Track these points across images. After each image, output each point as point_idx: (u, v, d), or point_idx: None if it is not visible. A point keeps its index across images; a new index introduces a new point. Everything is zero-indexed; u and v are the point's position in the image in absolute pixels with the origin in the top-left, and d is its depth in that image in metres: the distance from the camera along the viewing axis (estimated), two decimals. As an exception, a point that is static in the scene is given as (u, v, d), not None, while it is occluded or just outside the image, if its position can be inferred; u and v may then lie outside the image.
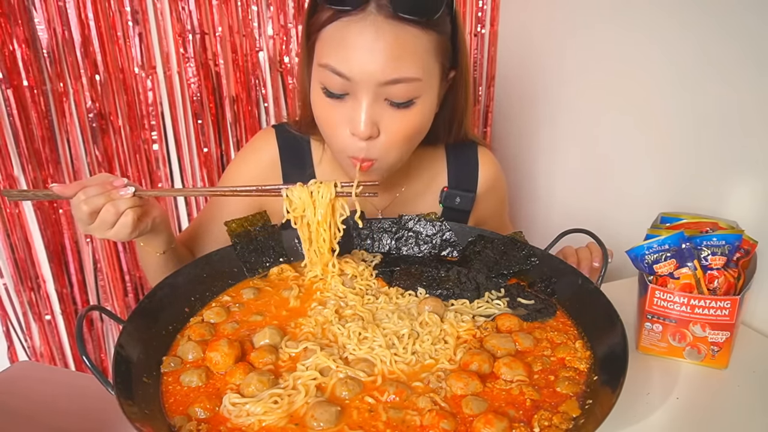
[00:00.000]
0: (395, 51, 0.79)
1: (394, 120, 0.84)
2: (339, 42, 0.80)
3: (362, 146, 0.85)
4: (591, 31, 1.37)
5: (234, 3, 1.44)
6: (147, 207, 0.86)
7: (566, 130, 1.52)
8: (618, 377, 0.63)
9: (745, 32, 0.99)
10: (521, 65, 1.67)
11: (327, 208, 0.86)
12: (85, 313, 0.67)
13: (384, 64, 0.79)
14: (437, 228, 0.99)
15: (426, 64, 0.83)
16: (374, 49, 0.78)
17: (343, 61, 0.80)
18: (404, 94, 0.82)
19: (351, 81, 0.80)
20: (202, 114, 1.51)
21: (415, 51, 0.80)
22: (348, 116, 0.84)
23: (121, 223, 0.81)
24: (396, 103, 0.83)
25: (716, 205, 1.07)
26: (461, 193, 1.08)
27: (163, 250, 0.94)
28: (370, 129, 0.83)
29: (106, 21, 1.34)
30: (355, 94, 0.82)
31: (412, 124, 0.86)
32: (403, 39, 0.79)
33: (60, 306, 1.55)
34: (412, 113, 0.85)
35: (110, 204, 0.79)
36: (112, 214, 0.80)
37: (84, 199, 0.79)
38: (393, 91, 0.81)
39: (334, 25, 0.80)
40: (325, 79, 0.83)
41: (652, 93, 1.21)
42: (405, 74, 0.80)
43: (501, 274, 0.90)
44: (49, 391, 1.20)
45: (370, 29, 0.78)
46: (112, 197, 0.80)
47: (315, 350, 0.71)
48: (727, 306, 0.79)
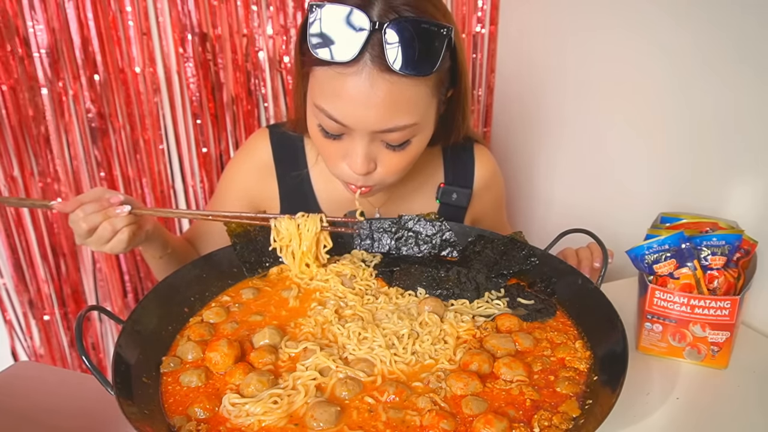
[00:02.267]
0: (391, 102, 0.78)
1: (391, 157, 0.87)
2: (334, 91, 0.79)
3: (359, 179, 0.88)
4: (591, 31, 1.37)
5: (234, 3, 1.43)
6: (141, 221, 0.89)
7: (566, 130, 1.52)
8: (618, 377, 0.63)
9: (745, 33, 0.99)
10: (521, 65, 1.67)
11: (312, 240, 0.90)
12: (84, 313, 0.67)
13: (380, 116, 0.79)
14: (437, 228, 0.99)
15: (422, 109, 0.83)
16: (369, 103, 0.77)
17: (338, 110, 0.80)
18: (400, 138, 0.84)
19: (347, 127, 0.81)
20: (202, 114, 1.51)
21: (411, 99, 0.80)
22: (345, 152, 0.86)
23: (117, 240, 0.85)
24: (392, 145, 0.85)
25: (716, 205, 1.07)
26: (458, 189, 1.09)
27: (159, 256, 0.99)
28: (367, 167, 0.86)
29: (106, 21, 1.34)
30: (352, 135, 0.83)
31: (409, 158, 0.88)
32: (399, 90, 0.78)
33: (60, 306, 1.55)
34: (408, 151, 0.87)
35: (107, 222, 0.83)
36: (109, 231, 0.84)
37: (82, 217, 0.82)
38: (389, 136, 0.83)
39: (329, 71, 0.78)
40: (321, 120, 0.83)
41: (651, 93, 1.21)
42: (401, 123, 0.81)
43: (501, 274, 0.90)
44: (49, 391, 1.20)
45: (366, 84, 0.76)
46: (109, 215, 0.83)
47: (315, 350, 0.71)
48: (727, 306, 0.79)
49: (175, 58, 1.44)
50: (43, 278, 1.51)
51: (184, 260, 1.01)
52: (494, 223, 1.21)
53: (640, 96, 1.25)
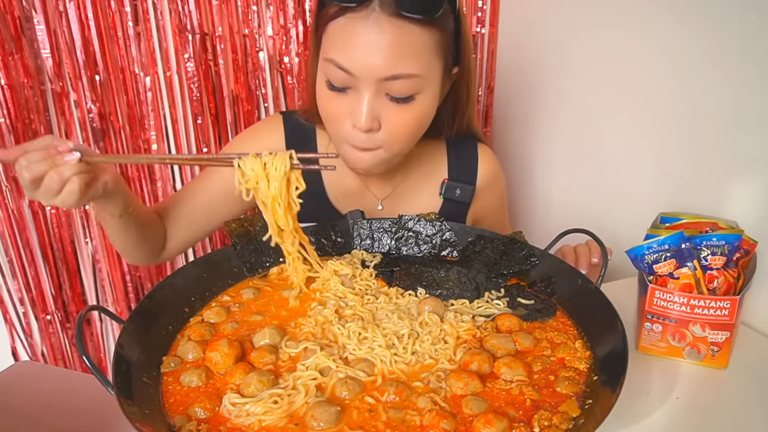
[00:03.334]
0: (396, 48, 0.81)
1: (395, 114, 0.86)
2: (343, 38, 0.82)
3: (363, 138, 0.87)
4: (591, 30, 1.37)
5: (234, 3, 1.44)
6: (96, 172, 0.81)
7: (566, 129, 1.52)
8: (618, 377, 0.63)
9: (746, 31, 0.99)
10: (521, 65, 1.67)
11: (281, 181, 0.81)
12: (85, 313, 0.67)
13: (385, 61, 0.81)
14: (437, 228, 0.99)
15: (427, 61, 0.84)
16: (376, 46, 0.80)
17: (346, 57, 0.82)
18: (404, 89, 0.84)
19: (353, 76, 0.83)
20: (202, 114, 1.51)
21: (416, 48, 0.82)
22: (350, 109, 0.86)
23: (67, 191, 0.76)
24: (396, 98, 0.85)
25: (716, 205, 1.07)
26: (461, 185, 1.10)
27: (119, 214, 0.90)
28: (371, 122, 0.85)
29: (106, 21, 1.34)
30: (357, 88, 0.84)
31: (413, 118, 0.88)
32: (405, 36, 0.81)
33: (60, 306, 1.55)
34: (412, 108, 0.87)
35: (54, 171, 0.75)
36: (56, 181, 0.75)
37: (25, 165, 0.75)
38: (394, 86, 0.83)
39: (340, 21, 0.82)
40: (329, 72, 0.85)
41: (652, 92, 1.21)
42: (405, 70, 0.82)
43: (501, 274, 0.90)
44: (49, 390, 1.20)
45: (373, 27, 0.80)
46: (56, 163, 0.75)
47: (315, 350, 0.71)
48: (726, 306, 0.79)
49: (175, 58, 1.44)
50: (43, 278, 1.51)
51: (148, 227, 0.97)
52: (497, 224, 1.21)
53: (640, 95, 1.25)
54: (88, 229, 1.51)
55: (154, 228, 1.02)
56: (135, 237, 0.96)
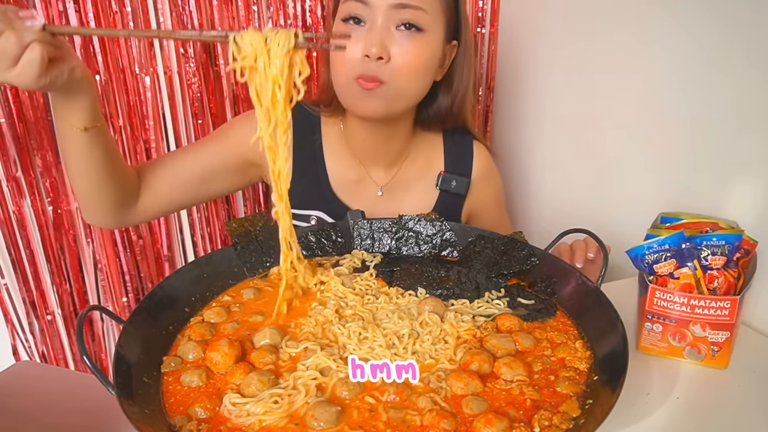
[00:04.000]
0: None
1: (403, 46, 0.94)
2: None
3: (372, 67, 0.93)
4: (591, 31, 1.37)
5: (234, 3, 1.44)
6: (63, 52, 0.72)
7: (566, 129, 1.52)
8: (618, 377, 0.63)
9: (746, 31, 0.99)
10: (521, 65, 1.67)
11: (284, 59, 0.70)
12: (85, 313, 0.67)
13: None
14: (437, 228, 0.99)
15: (430, 3, 0.94)
16: None
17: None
18: (411, 18, 0.93)
19: (367, 5, 0.92)
20: (202, 114, 1.51)
21: None
22: (362, 42, 0.93)
23: (26, 60, 0.66)
24: (405, 25, 0.93)
25: (716, 205, 1.07)
26: (457, 177, 1.15)
27: (84, 125, 0.80)
28: (381, 48, 0.92)
29: (106, 21, 1.34)
30: (371, 19, 0.93)
31: (418, 52, 0.95)
32: None
33: (60, 306, 1.55)
34: (418, 43, 0.95)
35: (11, 32, 0.64)
36: (14, 44, 0.65)
37: None
38: (402, 14, 0.93)
39: None
40: (345, 10, 0.95)
41: (652, 93, 1.21)
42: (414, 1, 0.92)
43: (501, 274, 0.90)
44: (50, 390, 1.20)
45: None
46: (15, 26, 0.65)
47: (315, 350, 0.72)
48: (727, 306, 0.79)
49: (176, 58, 1.44)
50: (44, 278, 1.51)
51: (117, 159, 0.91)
52: (496, 220, 1.24)
53: (640, 96, 1.25)
54: (89, 229, 1.51)
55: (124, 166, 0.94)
56: (102, 166, 0.87)
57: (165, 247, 1.61)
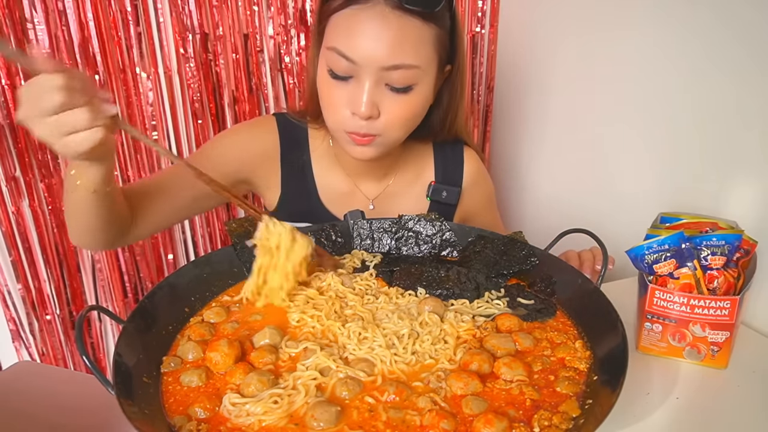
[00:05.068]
0: (398, 39, 0.85)
1: (393, 103, 0.90)
2: (347, 28, 0.86)
3: (362, 124, 0.90)
4: (590, 30, 1.37)
5: (234, 3, 1.44)
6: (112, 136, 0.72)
7: (566, 129, 1.52)
8: (618, 377, 0.63)
9: (746, 31, 0.99)
10: (521, 65, 1.67)
11: (300, 263, 0.82)
12: (85, 313, 0.67)
13: (387, 51, 0.85)
14: (437, 228, 0.99)
15: (425, 54, 0.89)
16: (379, 37, 0.84)
17: (350, 46, 0.85)
18: (404, 79, 0.88)
19: (356, 64, 0.86)
20: (202, 114, 1.51)
21: (416, 41, 0.87)
22: (350, 97, 0.89)
23: (83, 137, 0.66)
24: (396, 88, 0.89)
25: (716, 205, 1.07)
26: (447, 187, 1.13)
27: (94, 188, 0.79)
28: (371, 109, 0.88)
29: (106, 21, 1.34)
30: (359, 77, 0.88)
31: (410, 107, 0.92)
32: (406, 29, 0.85)
33: (60, 306, 1.55)
34: (410, 98, 0.91)
35: (89, 108, 0.65)
36: (84, 121, 0.65)
37: (62, 85, 0.62)
38: (394, 76, 0.87)
39: (344, 12, 0.86)
40: (331, 61, 0.88)
41: (652, 92, 1.21)
42: (405, 61, 0.86)
43: (501, 274, 0.90)
44: (49, 391, 1.20)
45: (378, 18, 0.84)
46: (94, 103, 0.66)
47: (315, 350, 0.71)
48: (726, 306, 0.79)
49: (175, 58, 1.44)
50: (43, 278, 1.51)
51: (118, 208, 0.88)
52: (486, 223, 1.22)
53: (640, 95, 1.25)
54: (88, 229, 1.51)
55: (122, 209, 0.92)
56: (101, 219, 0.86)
57: (165, 247, 1.61)
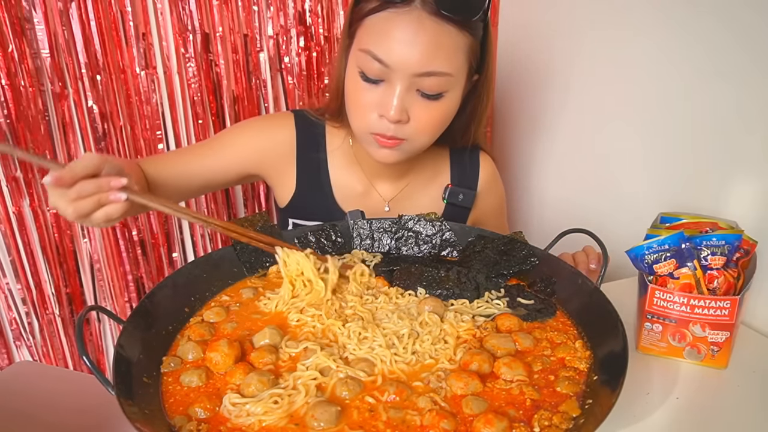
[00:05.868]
0: (433, 46, 0.84)
1: (423, 109, 0.90)
2: (383, 31, 0.85)
3: (390, 127, 0.90)
4: (591, 30, 1.37)
5: (234, 3, 1.44)
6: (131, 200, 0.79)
7: (566, 129, 1.52)
8: (618, 377, 0.63)
9: (745, 31, 0.99)
10: (521, 65, 1.67)
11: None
12: (85, 313, 0.67)
13: (421, 57, 0.84)
14: (437, 228, 0.99)
15: (457, 62, 0.89)
16: (414, 42, 0.84)
17: (384, 49, 0.85)
18: (435, 86, 0.88)
19: (389, 68, 0.86)
20: (203, 114, 1.51)
21: (450, 48, 0.86)
22: (380, 100, 0.89)
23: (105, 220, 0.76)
24: (427, 94, 0.89)
25: (716, 205, 1.07)
26: (464, 190, 1.13)
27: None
28: (400, 114, 0.88)
29: (107, 21, 1.34)
30: (390, 81, 0.87)
31: (439, 114, 0.92)
32: (442, 36, 0.85)
33: (59, 306, 1.55)
34: (439, 105, 0.91)
35: (102, 210, 0.75)
36: (102, 219, 0.75)
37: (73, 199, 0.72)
38: (425, 83, 0.87)
39: (380, 15, 0.85)
40: (363, 63, 0.88)
41: (652, 92, 1.21)
42: (439, 68, 0.86)
43: (501, 274, 0.90)
44: (49, 390, 1.20)
45: (414, 23, 0.83)
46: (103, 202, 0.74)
47: (315, 350, 0.71)
48: (726, 306, 0.79)
49: (176, 58, 1.44)
50: (43, 278, 1.51)
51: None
52: (497, 226, 1.24)
53: (640, 95, 1.25)
54: (87, 229, 1.51)
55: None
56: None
57: (165, 247, 1.61)
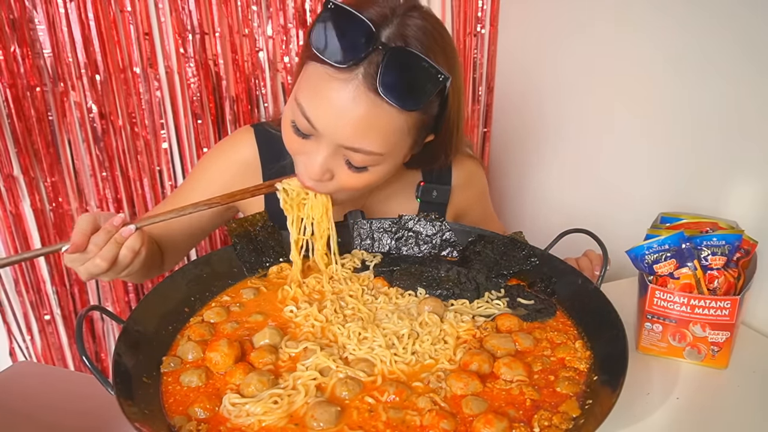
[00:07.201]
0: (365, 124, 0.77)
1: (347, 176, 0.84)
2: (318, 90, 0.78)
3: (312, 182, 0.86)
4: (591, 31, 1.37)
5: (234, 3, 1.44)
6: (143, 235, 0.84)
7: (566, 129, 1.52)
8: (618, 377, 0.63)
9: (745, 32, 0.99)
10: (521, 65, 1.67)
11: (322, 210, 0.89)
12: (85, 313, 0.67)
13: (351, 131, 0.78)
14: (437, 228, 0.99)
15: (394, 141, 0.81)
16: (347, 114, 0.77)
17: (314, 112, 0.79)
18: (362, 161, 0.82)
19: (317, 131, 0.80)
20: (202, 114, 1.51)
21: (386, 129, 0.79)
22: (306, 153, 0.84)
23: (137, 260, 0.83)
24: (353, 165, 0.83)
25: (716, 205, 1.07)
26: (437, 186, 1.08)
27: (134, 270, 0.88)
28: (321, 175, 0.84)
29: (107, 21, 1.34)
30: (318, 140, 0.81)
31: (365, 181, 0.86)
32: (378, 115, 0.77)
33: (60, 306, 1.55)
34: (367, 174, 0.85)
35: (125, 248, 0.80)
36: (129, 256, 0.80)
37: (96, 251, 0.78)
38: (353, 156, 0.81)
39: (320, 69, 0.78)
40: (296, 115, 0.81)
41: (652, 93, 1.21)
42: (368, 147, 0.79)
43: (501, 274, 0.90)
44: (48, 391, 1.20)
45: (350, 95, 0.76)
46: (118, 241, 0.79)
47: (315, 350, 0.71)
48: (727, 306, 0.79)
49: (175, 58, 1.44)
50: (43, 278, 1.51)
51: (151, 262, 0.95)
52: (481, 216, 1.21)
53: (640, 96, 1.25)
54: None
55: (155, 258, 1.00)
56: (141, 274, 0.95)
57: (165, 247, 1.61)
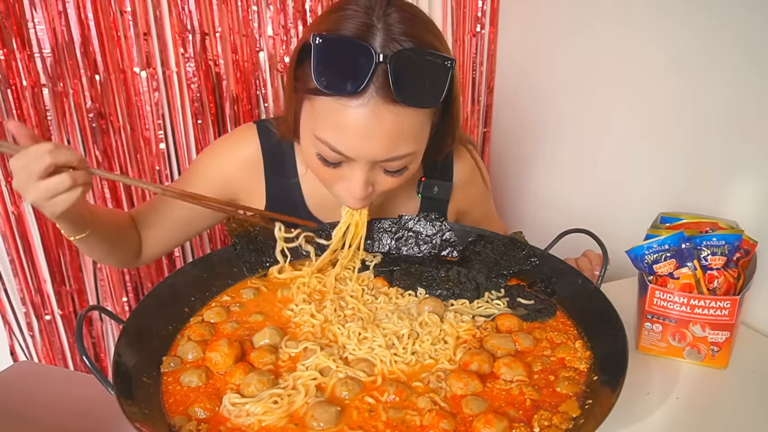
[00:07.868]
0: (395, 133, 0.78)
1: (388, 179, 0.86)
2: (337, 124, 0.77)
3: (358, 202, 0.86)
4: (591, 31, 1.37)
5: (234, 3, 1.44)
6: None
7: (566, 129, 1.52)
8: (618, 377, 0.63)
9: (746, 32, 0.99)
10: (521, 65, 1.67)
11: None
12: (85, 313, 0.67)
13: (384, 147, 0.78)
14: (437, 228, 0.99)
15: (422, 137, 0.83)
16: (374, 134, 0.77)
17: (342, 142, 0.78)
18: (400, 165, 0.83)
19: (349, 158, 0.80)
20: (202, 114, 1.51)
21: (413, 129, 0.80)
22: (344, 176, 0.84)
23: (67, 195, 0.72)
24: (391, 171, 0.84)
25: (716, 205, 1.07)
26: (439, 182, 1.08)
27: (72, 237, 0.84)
28: (366, 192, 0.84)
29: (106, 21, 1.34)
30: (351, 164, 0.82)
31: (405, 177, 0.87)
32: (403, 120, 0.78)
33: (60, 306, 1.55)
34: (404, 174, 0.86)
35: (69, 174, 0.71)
36: (68, 184, 0.70)
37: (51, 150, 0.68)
38: (390, 164, 0.82)
39: (331, 102, 0.76)
40: (321, 149, 0.81)
41: (652, 93, 1.21)
42: (403, 152, 0.80)
43: (501, 274, 0.90)
44: (48, 391, 1.20)
45: (371, 115, 0.75)
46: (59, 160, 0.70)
47: (315, 350, 0.72)
48: (726, 306, 0.79)
49: (175, 58, 1.44)
50: (43, 278, 1.51)
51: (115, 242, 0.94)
52: (482, 215, 1.20)
53: (640, 96, 1.25)
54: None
55: (123, 240, 0.98)
56: (101, 252, 0.93)
57: (165, 247, 1.61)
